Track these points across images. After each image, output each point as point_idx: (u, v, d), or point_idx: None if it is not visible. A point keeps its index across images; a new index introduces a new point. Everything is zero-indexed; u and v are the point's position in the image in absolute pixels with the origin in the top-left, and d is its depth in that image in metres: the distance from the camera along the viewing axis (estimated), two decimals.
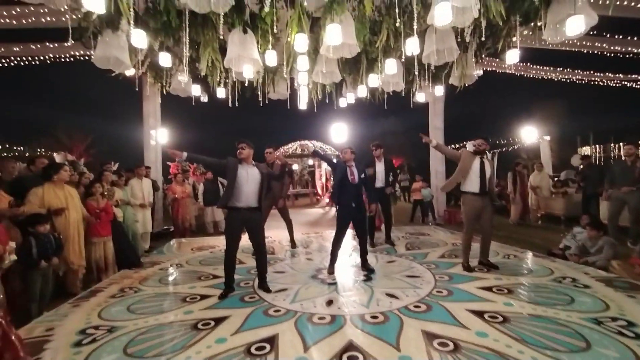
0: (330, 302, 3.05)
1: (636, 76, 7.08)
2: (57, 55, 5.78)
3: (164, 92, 6.47)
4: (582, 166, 6.60)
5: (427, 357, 2.07)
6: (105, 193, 4.12)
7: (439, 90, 6.49)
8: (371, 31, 4.42)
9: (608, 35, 5.38)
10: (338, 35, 3.38)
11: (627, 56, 5.91)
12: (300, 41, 3.63)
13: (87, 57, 5.50)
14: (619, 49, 5.67)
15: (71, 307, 3.09)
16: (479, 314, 2.70)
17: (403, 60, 4.65)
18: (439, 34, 4.21)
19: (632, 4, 4.08)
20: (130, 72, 5.40)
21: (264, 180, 3.37)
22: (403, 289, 3.33)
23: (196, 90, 6.27)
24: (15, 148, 13.20)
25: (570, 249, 4.36)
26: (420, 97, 6.95)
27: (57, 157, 7.19)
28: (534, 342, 2.20)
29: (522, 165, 7.77)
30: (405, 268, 4.10)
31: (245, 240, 3.47)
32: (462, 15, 3.58)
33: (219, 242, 5.94)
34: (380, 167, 5.39)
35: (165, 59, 4.57)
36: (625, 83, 7.39)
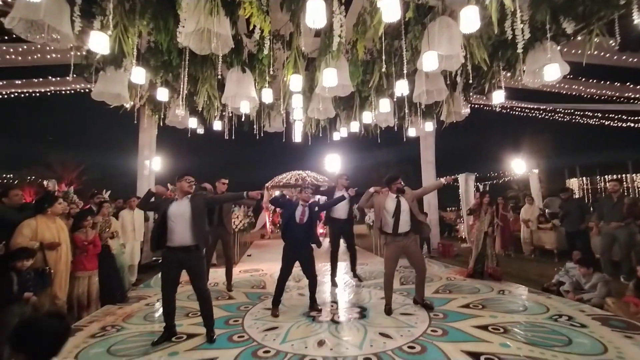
0: (321, 343, 2.94)
1: (612, 115, 7.51)
2: (58, 89, 5.93)
3: (161, 124, 6.59)
4: (562, 199, 6.45)
5: None
6: (101, 225, 4.08)
7: (429, 126, 6.74)
8: (364, 72, 4.67)
9: (583, 79, 5.77)
10: (334, 78, 3.57)
11: (602, 97, 6.30)
12: (296, 81, 3.81)
13: (87, 90, 5.65)
14: (594, 91, 6.06)
15: None
16: (475, 355, 2.62)
17: (395, 99, 4.87)
18: (428, 76, 4.46)
19: (602, 54, 4.45)
20: (128, 105, 5.54)
21: (198, 214, 2.98)
22: (397, 328, 3.24)
23: (193, 122, 6.42)
24: (4, 176, 13.04)
25: (565, 284, 4.34)
26: (411, 131, 7.19)
27: (49, 185, 7.13)
28: None
29: (502, 198, 8.02)
30: (399, 305, 4.00)
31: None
32: (449, 60, 3.82)
33: (213, 276, 5.76)
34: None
35: (162, 94, 4.72)
36: (603, 121, 7.80)
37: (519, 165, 12.61)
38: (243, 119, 5.66)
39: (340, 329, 3.30)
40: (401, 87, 4.00)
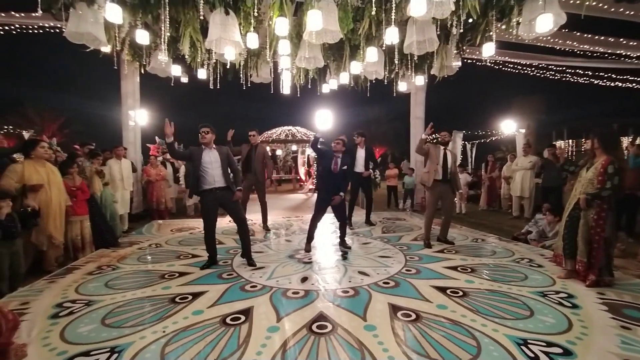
0: (304, 279, 3.21)
1: (602, 73, 7.50)
2: (24, 26, 5.44)
3: (142, 71, 6.29)
4: (546, 155, 6.57)
5: (390, 326, 2.26)
6: (87, 174, 4.14)
7: (420, 80, 6.64)
8: (354, 18, 4.46)
9: (578, 34, 5.65)
10: (319, 21, 3.42)
11: (594, 54, 6.23)
12: (281, 25, 3.64)
13: (58, 30, 5.23)
14: (587, 47, 5.97)
15: (47, 283, 3.11)
16: (442, 289, 2.92)
17: (384, 48, 4.73)
18: (419, 25, 4.30)
19: (600, 5, 4.31)
20: (106, 48, 5.23)
21: (225, 162, 3.57)
22: (375, 268, 3.53)
23: (176, 70, 6.15)
24: None
25: (532, 233, 4.70)
26: (402, 86, 7.08)
27: (26, 136, 6.94)
28: (485, 312, 2.44)
29: (492, 156, 8.29)
30: (379, 249, 4.31)
31: (224, 222, 3.57)
32: (440, 7, 3.68)
33: (200, 224, 5.95)
34: (360, 154, 5.80)
35: (142, 37, 4.46)
36: (593, 80, 7.79)
37: (509, 126, 12.72)
38: (228, 66, 5.41)
39: (322, 268, 3.58)
40: (390, 35, 3.87)
